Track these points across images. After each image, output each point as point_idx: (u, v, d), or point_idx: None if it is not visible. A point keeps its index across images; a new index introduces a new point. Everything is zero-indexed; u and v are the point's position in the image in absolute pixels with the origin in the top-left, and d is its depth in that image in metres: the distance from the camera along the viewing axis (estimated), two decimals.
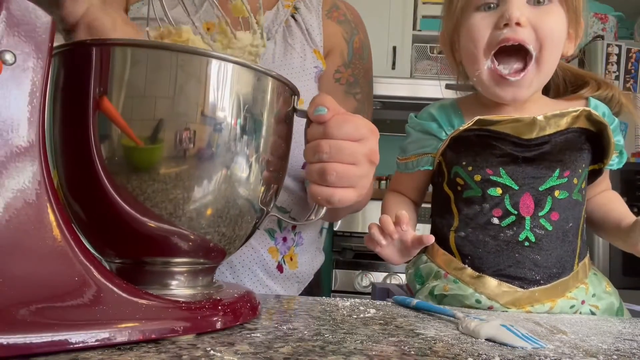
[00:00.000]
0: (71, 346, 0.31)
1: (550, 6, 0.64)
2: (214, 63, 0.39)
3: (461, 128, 0.68)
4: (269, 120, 0.43)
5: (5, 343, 0.29)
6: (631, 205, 1.87)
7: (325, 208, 0.52)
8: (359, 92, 0.83)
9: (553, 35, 0.63)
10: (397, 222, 0.62)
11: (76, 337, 0.32)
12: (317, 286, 0.91)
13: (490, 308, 0.65)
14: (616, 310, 0.70)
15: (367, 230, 0.66)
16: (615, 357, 0.39)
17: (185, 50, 0.38)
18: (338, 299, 0.60)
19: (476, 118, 0.67)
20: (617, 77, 1.93)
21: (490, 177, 0.67)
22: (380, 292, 0.88)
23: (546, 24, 0.63)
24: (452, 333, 0.44)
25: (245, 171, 0.42)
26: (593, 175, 0.73)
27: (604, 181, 0.78)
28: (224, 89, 0.39)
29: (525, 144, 0.66)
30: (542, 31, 0.62)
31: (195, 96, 0.38)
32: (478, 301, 0.66)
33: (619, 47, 1.94)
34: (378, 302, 0.60)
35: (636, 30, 2.30)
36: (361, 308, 0.55)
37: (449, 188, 0.72)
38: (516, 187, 0.66)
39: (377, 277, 2.19)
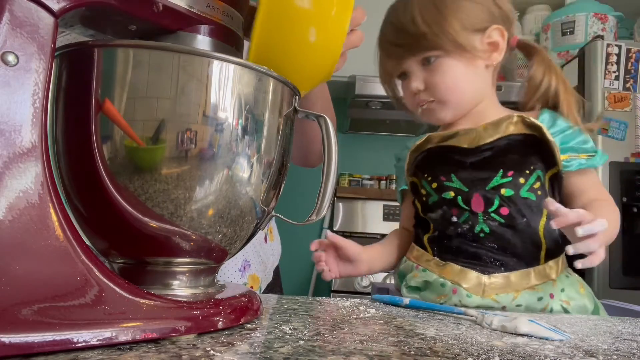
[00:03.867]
0: (73, 345, 0.32)
1: (438, 62, 0.77)
2: (215, 64, 0.39)
3: (417, 142, 0.82)
4: (270, 121, 0.43)
5: (7, 342, 0.29)
6: (631, 205, 1.88)
7: (327, 207, 0.51)
8: None
9: (445, 84, 0.77)
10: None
11: (78, 337, 0.32)
12: (278, 283, 0.99)
13: (454, 292, 0.72)
14: (591, 313, 0.74)
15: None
16: (615, 357, 0.39)
17: (186, 52, 0.38)
18: (338, 299, 0.60)
19: (427, 135, 0.81)
20: (617, 77, 1.93)
21: (444, 183, 0.78)
22: (380, 292, 0.89)
23: (436, 80, 0.78)
24: (452, 333, 0.45)
25: (247, 172, 0.42)
26: (559, 180, 0.77)
27: (589, 190, 0.77)
28: (225, 89, 0.39)
29: (472, 152, 0.77)
30: (433, 86, 0.78)
31: (197, 97, 0.38)
32: (442, 285, 0.73)
33: (619, 47, 1.93)
34: (378, 302, 0.60)
35: (636, 30, 2.30)
36: (361, 308, 0.55)
37: (417, 200, 0.84)
38: (466, 189, 0.76)
39: (377, 277, 2.19)
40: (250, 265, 0.85)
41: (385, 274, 2.19)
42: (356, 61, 1.00)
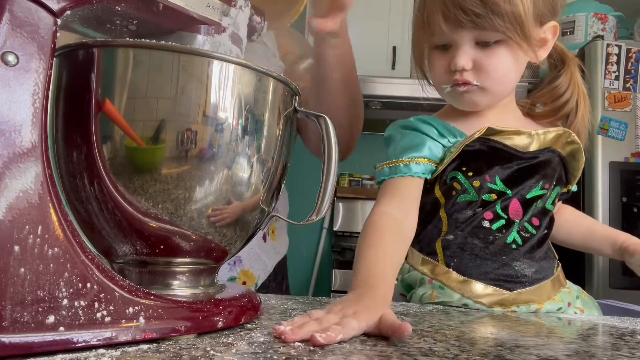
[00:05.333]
0: (73, 346, 0.32)
1: (497, 47, 0.67)
2: (216, 64, 0.39)
3: (476, 135, 0.69)
4: (270, 121, 0.43)
5: (7, 342, 0.29)
6: (631, 205, 1.88)
7: (327, 207, 0.51)
8: None
9: (496, 73, 0.69)
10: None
11: (78, 337, 0.32)
12: (284, 276, 0.98)
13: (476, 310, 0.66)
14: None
15: None
16: (615, 357, 0.39)
17: (186, 51, 0.38)
18: (338, 299, 0.60)
19: (487, 126, 0.69)
20: (617, 77, 1.93)
21: (488, 183, 0.70)
22: None
23: (489, 65, 0.68)
24: (452, 334, 0.45)
25: (247, 172, 0.42)
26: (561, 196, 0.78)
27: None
28: (225, 89, 0.39)
29: (521, 156, 0.71)
30: (484, 71, 0.68)
31: (197, 97, 0.38)
32: (465, 305, 0.67)
33: (619, 47, 1.93)
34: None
35: (636, 30, 2.30)
36: None
37: (442, 193, 0.72)
38: (510, 194, 0.70)
39: None
40: (242, 261, 0.84)
41: None
42: (355, 61, 0.99)
